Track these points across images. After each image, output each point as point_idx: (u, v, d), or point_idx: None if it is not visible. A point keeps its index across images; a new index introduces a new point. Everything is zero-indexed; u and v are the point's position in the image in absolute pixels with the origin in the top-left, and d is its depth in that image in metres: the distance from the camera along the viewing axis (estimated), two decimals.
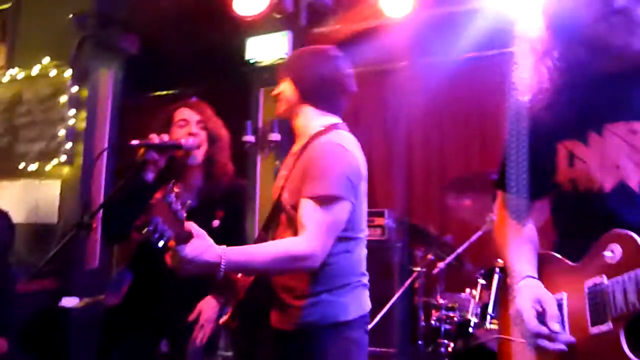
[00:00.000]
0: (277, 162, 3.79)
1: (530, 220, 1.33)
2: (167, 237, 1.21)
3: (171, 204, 1.20)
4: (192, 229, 1.28)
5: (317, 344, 1.50)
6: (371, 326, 2.50)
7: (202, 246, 1.28)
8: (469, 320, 2.42)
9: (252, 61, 4.22)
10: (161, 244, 1.20)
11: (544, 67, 1.20)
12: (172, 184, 1.22)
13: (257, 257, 1.39)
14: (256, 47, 4.30)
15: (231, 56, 4.23)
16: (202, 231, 1.31)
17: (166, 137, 1.76)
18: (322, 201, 1.42)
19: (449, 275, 2.97)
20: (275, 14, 4.04)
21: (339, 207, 1.44)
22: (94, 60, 4.04)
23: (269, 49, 4.24)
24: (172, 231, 1.21)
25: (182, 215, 1.24)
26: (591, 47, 1.14)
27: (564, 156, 1.21)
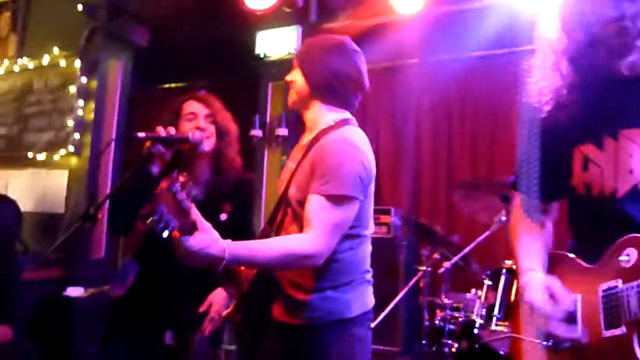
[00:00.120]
0: (284, 157, 3.79)
1: (546, 221, 1.35)
2: (171, 227, 1.20)
3: (176, 194, 1.20)
4: (198, 220, 1.28)
5: (321, 340, 1.50)
6: (375, 324, 2.50)
7: (206, 239, 1.28)
8: (474, 321, 2.40)
9: (262, 55, 4.20)
10: (166, 234, 1.20)
11: (559, 69, 1.20)
12: (176, 174, 1.21)
13: (262, 253, 1.38)
14: (266, 42, 4.28)
15: (240, 50, 4.22)
16: (207, 224, 1.30)
17: (173, 130, 1.75)
18: (332, 200, 1.40)
19: (454, 275, 2.95)
20: (285, 8, 4.02)
21: (348, 207, 1.42)
22: (103, 51, 4.05)
23: (278, 44, 4.22)
24: (176, 221, 1.21)
25: (186, 205, 1.23)
26: (606, 50, 1.13)
27: (579, 160, 1.22)
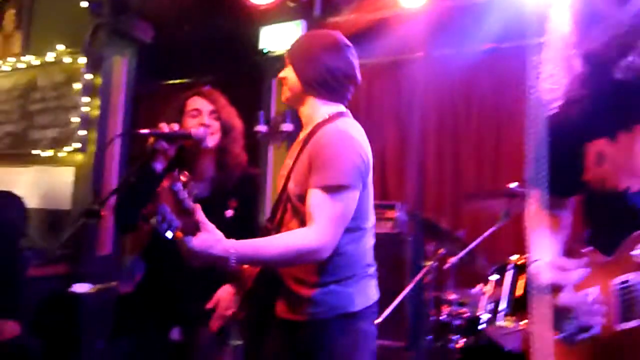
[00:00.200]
0: None
1: (562, 217, 1.36)
2: (174, 227, 1.20)
3: (177, 193, 1.19)
4: (201, 220, 1.27)
5: (325, 336, 1.50)
6: (381, 319, 2.50)
7: (210, 240, 1.28)
8: (480, 316, 2.38)
9: (266, 50, 4.19)
10: (169, 234, 1.20)
11: (571, 64, 1.19)
12: (177, 172, 1.21)
13: (266, 250, 1.37)
14: (270, 37, 4.26)
15: (244, 45, 4.21)
16: (210, 225, 1.30)
17: (176, 127, 1.74)
18: (331, 191, 1.40)
19: (460, 270, 2.94)
20: (289, 3, 4.00)
21: (348, 196, 1.42)
22: (107, 47, 4.05)
23: (282, 39, 4.20)
24: (180, 221, 1.20)
25: (189, 204, 1.22)
26: (619, 44, 1.13)
27: (593, 155, 1.22)
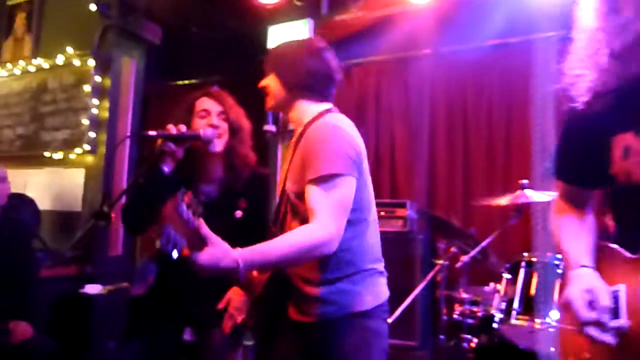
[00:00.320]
0: None
1: (588, 209, 1.34)
2: (180, 246, 1.22)
3: (182, 214, 1.21)
4: (207, 235, 1.28)
5: (335, 335, 1.49)
6: (392, 319, 2.48)
7: (217, 253, 1.28)
8: (493, 315, 2.35)
9: None
10: (175, 254, 1.21)
11: (598, 58, 1.17)
12: (182, 194, 1.22)
13: (274, 253, 1.37)
14: (277, 36, 4.25)
15: (252, 45, 4.20)
16: (216, 238, 1.30)
17: (184, 128, 1.73)
18: (326, 181, 1.40)
19: (472, 268, 2.91)
20: (296, 2, 3.99)
21: (343, 184, 1.41)
22: (116, 49, 4.07)
23: (290, 38, 4.17)
24: (185, 239, 1.22)
25: (194, 223, 1.24)
26: None
27: (619, 148, 1.19)
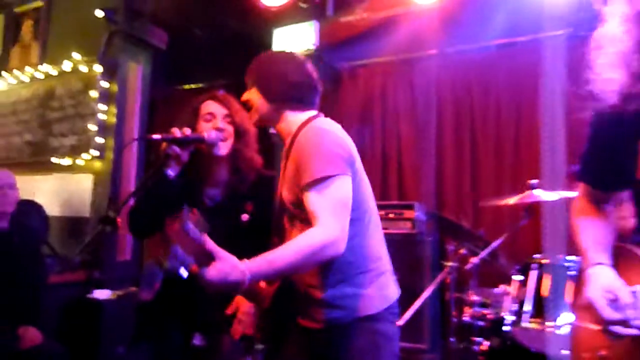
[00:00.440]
0: None
1: (609, 211, 1.35)
2: (188, 263, 1.24)
3: (189, 232, 1.23)
4: (214, 250, 1.30)
5: (344, 340, 1.48)
6: (402, 321, 2.46)
7: (225, 268, 1.29)
8: (504, 317, 2.32)
9: None
10: (184, 272, 1.23)
11: (626, 62, 1.16)
12: (187, 212, 1.24)
13: (281, 261, 1.36)
14: (283, 38, 4.26)
15: (258, 48, 4.17)
16: (223, 252, 1.31)
17: (188, 131, 1.73)
18: (321, 184, 1.40)
19: (481, 270, 2.88)
20: (301, 4, 3.98)
21: (339, 184, 1.41)
22: (122, 54, 4.08)
23: (296, 40, 4.19)
24: (192, 257, 1.24)
25: (201, 240, 1.25)
26: None
27: None
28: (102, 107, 4.02)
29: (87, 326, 3.20)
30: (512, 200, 2.67)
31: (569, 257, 2.22)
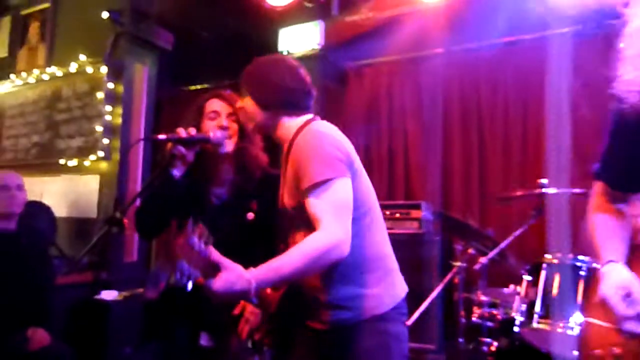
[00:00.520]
0: None
1: (626, 210, 1.35)
2: (194, 277, 1.25)
3: (194, 246, 1.23)
4: (219, 261, 1.30)
5: (353, 341, 1.47)
6: (410, 322, 2.44)
7: (231, 278, 1.30)
8: (514, 318, 2.29)
9: (285, 52, 4.17)
10: (190, 285, 1.24)
11: None
12: (191, 225, 1.24)
13: (287, 267, 1.36)
14: (288, 38, 4.25)
15: (263, 48, 4.19)
16: (228, 262, 1.32)
17: (193, 131, 1.72)
18: (320, 187, 1.40)
19: (490, 270, 2.85)
20: (306, 3, 3.98)
21: (337, 186, 1.41)
22: (128, 55, 4.09)
23: (301, 40, 4.19)
24: (198, 270, 1.25)
25: (206, 253, 1.26)
26: None
27: None
28: (108, 108, 4.03)
29: (94, 327, 3.21)
30: (520, 198, 2.64)
31: (579, 257, 2.19)
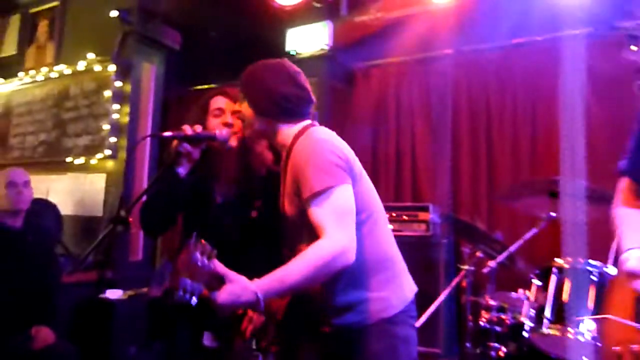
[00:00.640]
0: None
1: None
2: (198, 292, 1.25)
3: (197, 262, 1.23)
4: (224, 273, 1.30)
5: (360, 344, 1.45)
6: (416, 325, 2.41)
7: (236, 290, 1.30)
8: (523, 323, 2.26)
9: (293, 52, 4.16)
10: (194, 300, 1.24)
11: None
12: (194, 242, 1.23)
13: (292, 277, 1.35)
14: (296, 39, 4.24)
15: (271, 48, 4.19)
16: (233, 274, 1.32)
17: (199, 129, 1.71)
18: (321, 196, 1.40)
19: (498, 274, 2.81)
20: (315, 3, 3.96)
21: (338, 194, 1.40)
22: (136, 54, 4.10)
23: (309, 40, 4.17)
24: (202, 284, 1.25)
25: (210, 267, 1.26)
26: None
27: None
28: (115, 107, 4.03)
29: (99, 326, 3.20)
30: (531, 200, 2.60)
31: (591, 262, 2.16)
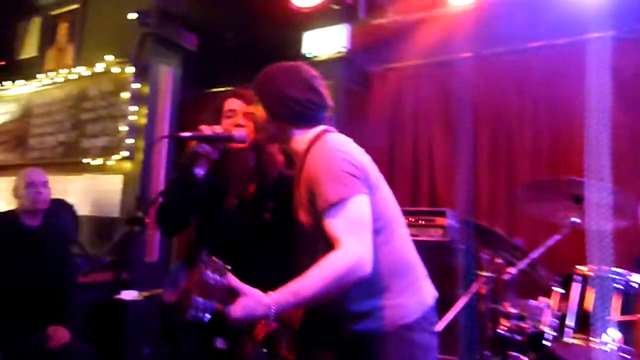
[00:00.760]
0: None
1: None
2: (210, 309, 1.24)
3: (210, 281, 1.23)
4: (238, 287, 1.29)
5: (380, 351, 1.43)
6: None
7: (250, 304, 1.28)
8: (543, 331, 2.20)
9: (309, 55, 4.15)
10: (207, 317, 1.24)
11: None
12: (205, 259, 1.23)
13: (307, 291, 1.32)
14: (313, 41, 4.22)
15: (288, 51, 4.18)
16: (247, 287, 1.30)
17: (218, 129, 1.70)
18: (337, 207, 1.37)
19: (518, 281, 2.75)
20: (332, 6, 3.94)
21: (354, 204, 1.37)
22: (154, 56, 4.12)
23: (326, 43, 4.15)
24: (215, 300, 1.25)
25: (222, 283, 1.25)
26: None
27: None
28: (133, 108, 4.06)
29: (113, 326, 3.21)
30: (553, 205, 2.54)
31: (615, 269, 2.09)
